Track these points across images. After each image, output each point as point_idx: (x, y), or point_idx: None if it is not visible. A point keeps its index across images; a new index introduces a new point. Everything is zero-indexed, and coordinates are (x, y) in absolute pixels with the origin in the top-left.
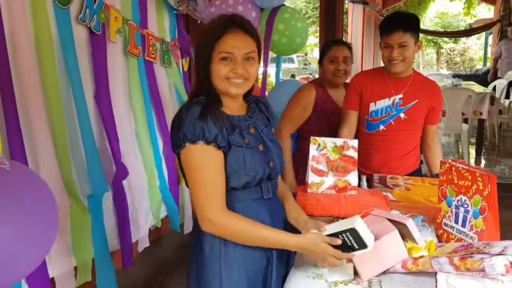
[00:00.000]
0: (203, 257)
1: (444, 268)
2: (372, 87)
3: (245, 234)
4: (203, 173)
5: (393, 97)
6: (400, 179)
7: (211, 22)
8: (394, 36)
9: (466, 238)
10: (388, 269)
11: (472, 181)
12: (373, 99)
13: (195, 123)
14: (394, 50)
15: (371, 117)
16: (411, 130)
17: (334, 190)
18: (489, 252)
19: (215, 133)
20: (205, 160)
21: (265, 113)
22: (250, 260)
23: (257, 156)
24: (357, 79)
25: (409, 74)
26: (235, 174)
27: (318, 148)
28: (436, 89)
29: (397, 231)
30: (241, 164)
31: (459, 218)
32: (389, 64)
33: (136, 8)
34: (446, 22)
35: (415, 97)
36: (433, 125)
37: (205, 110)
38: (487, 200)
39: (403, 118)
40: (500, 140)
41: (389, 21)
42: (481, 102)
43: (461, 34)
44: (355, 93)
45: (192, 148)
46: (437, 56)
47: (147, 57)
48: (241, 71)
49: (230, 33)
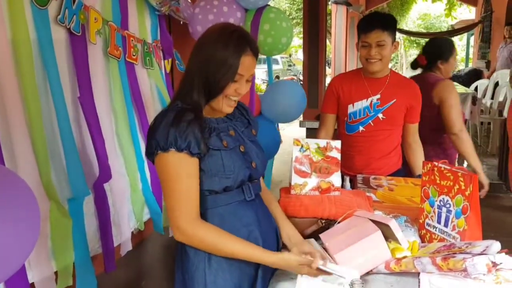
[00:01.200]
0: (188, 263)
1: (427, 268)
2: (349, 89)
3: (212, 246)
4: (174, 181)
5: (371, 98)
6: (383, 180)
7: (226, 35)
8: (373, 34)
9: (448, 238)
10: (371, 269)
11: (454, 181)
12: (350, 100)
13: (168, 130)
14: (372, 49)
15: (350, 119)
16: (390, 130)
17: (318, 191)
18: (471, 252)
19: (188, 140)
20: (176, 168)
21: (245, 116)
22: (236, 265)
23: (236, 158)
24: (333, 82)
25: (386, 74)
26: (215, 178)
27: (301, 149)
28: (414, 87)
29: (380, 231)
30: (220, 168)
31: (441, 218)
32: (367, 63)
33: (116, 9)
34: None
35: (393, 96)
36: (413, 123)
37: (179, 116)
38: (469, 200)
39: (381, 119)
40: (482, 140)
41: (368, 20)
42: (463, 102)
43: (443, 35)
44: (332, 96)
45: (164, 156)
46: None
47: (128, 59)
48: (243, 91)
49: (247, 55)
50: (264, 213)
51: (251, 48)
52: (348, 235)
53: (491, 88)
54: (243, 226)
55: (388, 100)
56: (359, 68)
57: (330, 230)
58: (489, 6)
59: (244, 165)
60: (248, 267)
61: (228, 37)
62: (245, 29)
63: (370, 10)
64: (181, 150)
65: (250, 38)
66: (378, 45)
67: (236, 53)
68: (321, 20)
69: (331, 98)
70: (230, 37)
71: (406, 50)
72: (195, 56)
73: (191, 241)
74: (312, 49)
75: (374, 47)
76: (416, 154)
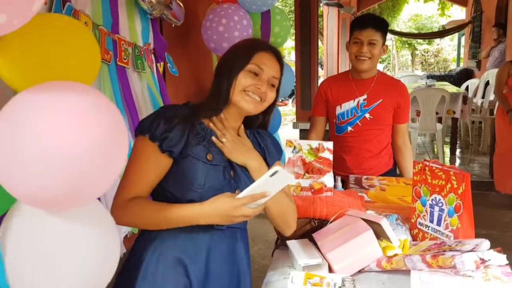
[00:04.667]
0: (126, 265)
1: (417, 266)
2: (337, 91)
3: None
4: (131, 166)
5: (358, 99)
6: (375, 180)
7: (244, 41)
8: (366, 32)
9: (441, 237)
10: (363, 268)
11: (446, 180)
12: (338, 102)
13: (155, 117)
14: (364, 46)
15: (338, 120)
16: (379, 130)
17: (310, 191)
18: (460, 249)
19: (166, 135)
20: (141, 154)
21: (261, 144)
22: (169, 284)
23: (215, 176)
24: (322, 85)
25: (373, 75)
26: (182, 186)
27: (294, 150)
28: (401, 87)
29: (371, 230)
30: (192, 177)
31: (434, 217)
32: (356, 60)
33: (107, 13)
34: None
35: (379, 96)
36: (402, 124)
37: (178, 112)
38: (462, 199)
39: (368, 118)
40: (473, 138)
41: (362, 19)
42: (454, 101)
43: (434, 36)
44: (321, 99)
45: (139, 139)
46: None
47: (119, 62)
48: (264, 89)
49: (266, 52)
50: (229, 252)
51: (267, 46)
52: (340, 234)
53: (482, 88)
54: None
55: (374, 100)
56: (347, 71)
57: (323, 230)
58: (479, 6)
59: (220, 186)
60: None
61: (241, 42)
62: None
63: (361, 12)
64: (154, 141)
65: (264, 41)
66: (370, 43)
67: (249, 46)
68: (313, 21)
69: (320, 101)
70: (243, 42)
71: (398, 51)
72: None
73: (121, 218)
74: (304, 50)
75: (366, 44)
76: (405, 158)
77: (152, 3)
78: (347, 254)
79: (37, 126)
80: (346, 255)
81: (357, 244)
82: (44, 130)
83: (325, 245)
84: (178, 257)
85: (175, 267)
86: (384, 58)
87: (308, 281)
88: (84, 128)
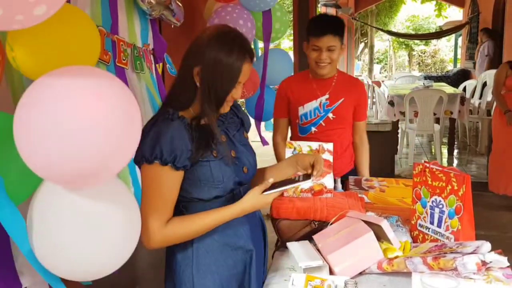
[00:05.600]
0: (176, 265)
1: (418, 268)
2: (298, 91)
3: (186, 236)
4: (153, 191)
5: (320, 99)
6: (374, 181)
7: (229, 41)
8: (324, 39)
9: (442, 239)
10: (364, 270)
11: (446, 182)
12: (300, 102)
13: (155, 142)
14: (323, 53)
15: (302, 120)
16: (341, 129)
17: (310, 193)
18: (461, 251)
19: (174, 153)
20: (158, 181)
21: (238, 115)
22: (224, 267)
23: (225, 167)
24: (282, 86)
25: (333, 74)
26: (204, 188)
27: (294, 151)
28: (359, 85)
29: (372, 232)
30: (209, 178)
31: (434, 218)
32: (316, 66)
33: (106, 14)
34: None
35: (341, 95)
36: (361, 121)
37: (169, 126)
38: (462, 200)
39: (331, 118)
40: (471, 139)
41: (319, 25)
42: (452, 102)
43: (431, 37)
44: (282, 100)
45: (148, 168)
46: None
47: (118, 63)
48: (238, 97)
49: (247, 63)
50: (253, 213)
51: (250, 55)
52: (341, 236)
53: (480, 88)
54: (241, 223)
55: (336, 99)
56: (306, 70)
57: (323, 231)
58: (476, 7)
59: (234, 173)
60: (235, 268)
61: (231, 43)
62: (241, 32)
63: (359, 12)
64: (166, 164)
65: (249, 45)
66: (329, 50)
67: (239, 60)
68: None
69: (282, 102)
70: (233, 43)
71: (395, 51)
72: (192, 60)
73: (166, 243)
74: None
75: (325, 51)
76: (361, 155)
77: (152, 3)
78: (348, 256)
79: (58, 105)
80: (347, 257)
81: (358, 246)
82: (65, 108)
83: (326, 247)
84: (224, 241)
85: (222, 250)
86: (382, 59)
87: (309, 283)
88: (100, 104)
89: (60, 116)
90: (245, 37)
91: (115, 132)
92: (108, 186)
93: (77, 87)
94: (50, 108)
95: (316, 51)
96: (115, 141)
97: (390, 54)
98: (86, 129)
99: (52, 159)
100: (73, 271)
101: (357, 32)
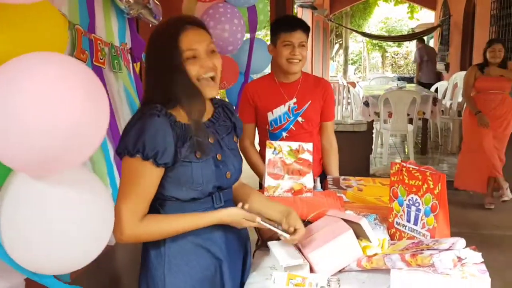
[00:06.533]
0: (149, 263)
1: (397, 264)
2: (265, 97)
3: (160, 234)
4: (131, 185)
5: (288, 103)
6: (352, 180)
7: (161, 25)
8: (297, 34)
9: (418, 236)
10: (344, 267)
11: (423, 181)
12: (269, 108)
13: (138, 136)
14: (296, 49)
15: (272, 126)
16: (310, 132)
17: (290, 193)
18: (438, 248)
19: (156, 149)
20: (137, 175)
21: (231, 119)
22: (197, 268)
23: (208, 169)
24: (248, 91)
25: (299, 77)
26: (182, 188)
27: (274, 152)
28: (325, 85)
29: (352, 230)
30: (188, 179)
31: (411, 216)
32: (288, 63)
33: (84, 13)
34: (390, 27)
35: (308, 98)
36: (329, 121)
37: (154, 121)
38: (438, 198)
39: (301, 122)
40: (442, 139)
41: (289, 21)
42: (425, 103)
43: (404, 38)
44: (249, 106)
45: (129, 161)
46: (382, 60)
47: (95, 62)
48: (210, 63)
49: (187, 30)
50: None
51: (188, 22)
52: (321, 235)
53: (451, 89)
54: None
55: (304, 102)
56: (270, 74)
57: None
58: (447, 10)
59: (215, 177)
60: (208, 270)
61: (162, 26)
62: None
63: (334, 14)
64: (147, 159)
65: (185, 16)
66: (300, 45)
67: (172, 35)
68: None
69: (249, 108)
70: (166, 25)
71: (369, 53)
72: (152, 55)
73: (138, 239)
74: None
75: (297, 46)
76: (330, 156)
77: (130, 2)
78: (328, 254)
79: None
80: (327, 255)
81: (338, 244)
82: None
83: (306, 246)
84: (197, 243)
85: (195, 251)
86: (356, 60)
87: (290, 281)
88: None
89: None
90: (180, 14)
91: (77, 112)
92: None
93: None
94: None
95: (288, 47)
96: (77, 122)
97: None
98: (45, 110)
99: (12, 143)
100: (43, 265)
101: (332, 33)
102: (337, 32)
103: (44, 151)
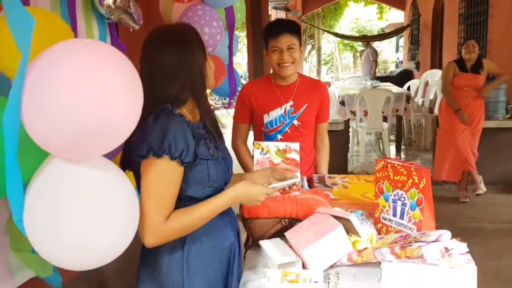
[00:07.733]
0: (163, 266)
1: (387, 257)
2: (262, 99)
3: (186, 229)
4: (157, 187)
5: (284, 106)
6: (337, 178)
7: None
8: (283, 38)
9: (405, 230)
10: (335, 262)
11: (407, 176)
12: (265, 110)
13: (163, 135)
14: (284, 53)
15: (267, 128)
16: (305, 135)
17: (279, 191)
18: (425, 240)
19: (182, 148)
20: (164, 175)
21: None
22: (212, 267)
23: (219, 167)
24: (244, 92)
25: (295, 79)
26: (199, 186)
27: (262, 152)
28: (321, 87)
29: (342, 226)
30: (205, 177)
31: (397, 211)
32: (279, 68)
33: (65, 17)
34: (361, 27)
35: (305, 101)
36: (324, 123)
37: (174, 121)
38: (423, 192)
39: (297, 125)
40: (416, 136)
41: (275, 26)
42: (398, 101)
43: (375, 38)
44: (244, 106)
45: (155, 162)
46: (353, 60)
47: None
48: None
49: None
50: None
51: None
52: (312, 232)
53: (422, 87)
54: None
55: (300, 105)
56: (268, 76)
57: (295, 228)
58: (417, 10)
59: (223, 174)
60: (221, 268)
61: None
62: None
63: (306, 15)
64: (174, 159)
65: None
66: (289, 48)
67: (201, 50)
68: (263, 24)
69: (244, 108)
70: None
71: (340, 53)
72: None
73: (168, 238)
74: (256, 52)
75: (286, 50)
76: (322, 155)
77: (111, 7)
78: (320, 250)
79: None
80: (319, 251)
81: (329, 240)
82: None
83: (298, 243)
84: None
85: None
86: (328, 60)
87: (284, 278)
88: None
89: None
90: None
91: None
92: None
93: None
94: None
95: (277, 52)
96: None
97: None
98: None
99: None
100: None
101: (305, 34)
102: (309, 33)
103: (77, 135)
